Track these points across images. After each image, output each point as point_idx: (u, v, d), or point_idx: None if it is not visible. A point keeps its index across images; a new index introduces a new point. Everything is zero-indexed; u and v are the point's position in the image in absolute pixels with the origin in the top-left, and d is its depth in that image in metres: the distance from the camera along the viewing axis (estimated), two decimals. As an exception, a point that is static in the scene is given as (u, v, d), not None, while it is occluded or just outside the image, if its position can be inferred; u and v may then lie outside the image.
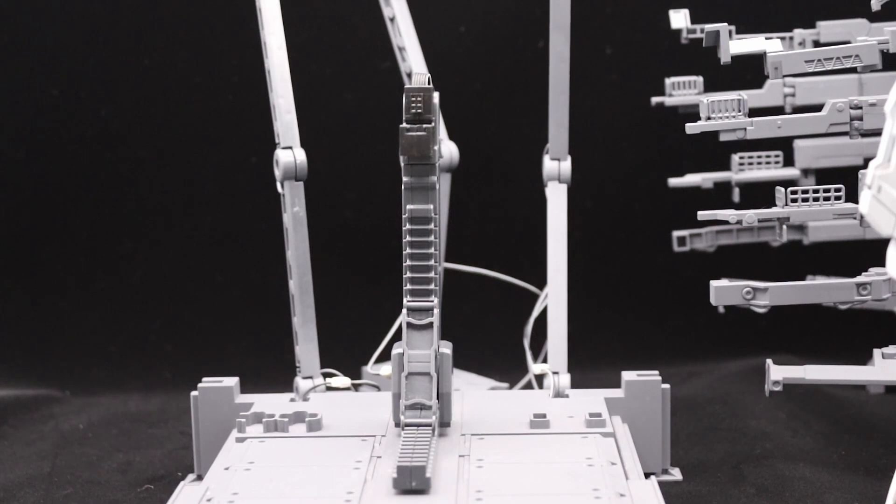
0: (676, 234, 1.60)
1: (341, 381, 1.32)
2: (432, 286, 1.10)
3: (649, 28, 1.77)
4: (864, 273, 1.18)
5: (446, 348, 1.11)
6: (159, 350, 1.83)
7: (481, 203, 1.86)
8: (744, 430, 1.45)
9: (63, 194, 1.84)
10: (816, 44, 1.49)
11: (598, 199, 1.85)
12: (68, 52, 1.82)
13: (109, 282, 1.84)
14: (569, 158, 1.41)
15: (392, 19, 1.49)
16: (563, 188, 1.40)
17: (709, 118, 1.18)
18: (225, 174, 1.85)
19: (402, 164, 1.08)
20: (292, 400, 1.28)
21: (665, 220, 1.67)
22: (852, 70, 1.20)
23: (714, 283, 1.18)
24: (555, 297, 1.36)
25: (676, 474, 1.28)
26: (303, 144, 1.32)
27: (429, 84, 1.06)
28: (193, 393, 1.27)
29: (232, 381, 1.28)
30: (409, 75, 1.48)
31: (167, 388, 1.72)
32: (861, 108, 1.16)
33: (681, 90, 1.55)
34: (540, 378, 1.38)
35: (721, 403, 1.57)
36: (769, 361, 1.17)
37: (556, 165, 1.40)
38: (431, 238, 1.10)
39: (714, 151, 1.52)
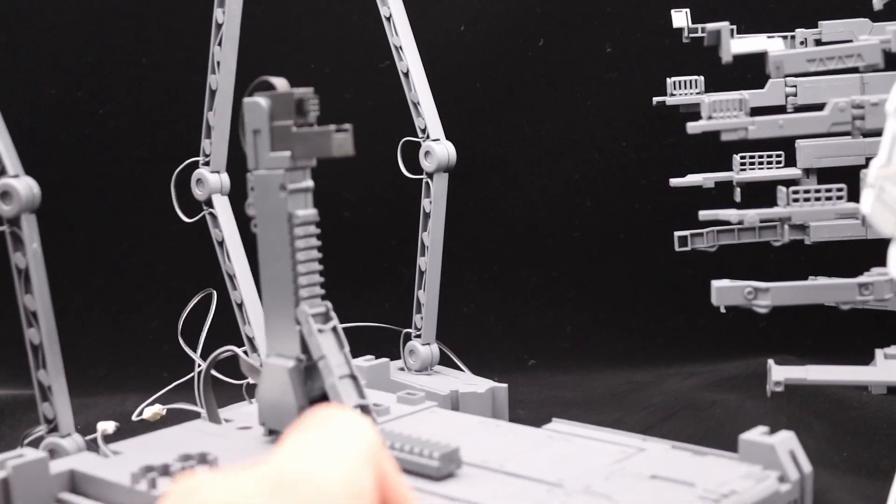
0: (678, 234, 1.59)
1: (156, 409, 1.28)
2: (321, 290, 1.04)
3: (650, 28, 1.77)
4: (865, 273, 1.18)
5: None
6: (159, 350, 1.83)
7: (481, 203, 1.86)
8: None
9: (63, 194, 1.83)
10: (818, 43, 1.49)
11: (598, 198, 1.85)
12: (68, 52, 1.81)
13: (109, 282, 1.84)
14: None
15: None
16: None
17: (710, 118, 1.18)
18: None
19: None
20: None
21: (665, 220, 1.67)
22: (854, 69, 1.20)
23: (715, 283, 1.18)
24: (431, 274, 1.45)
25: None
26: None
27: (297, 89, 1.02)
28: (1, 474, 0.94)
29: (41, 454, 0.98)
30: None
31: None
32: (863, 107, 1.16)
33: (682, 89, 1.54)
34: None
35: (721, 405, 1.56)
36: (771, 362, 1.16)
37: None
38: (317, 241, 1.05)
39: (715, 151, 1.52)
